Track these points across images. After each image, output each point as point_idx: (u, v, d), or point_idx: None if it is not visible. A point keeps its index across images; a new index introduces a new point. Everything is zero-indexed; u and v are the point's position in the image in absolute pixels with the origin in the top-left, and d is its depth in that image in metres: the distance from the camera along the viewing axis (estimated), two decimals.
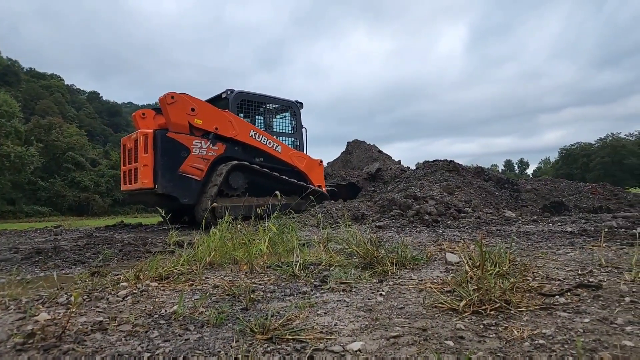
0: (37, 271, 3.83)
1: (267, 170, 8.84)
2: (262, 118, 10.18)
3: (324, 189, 10.23)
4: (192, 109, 8.01)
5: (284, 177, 9.08)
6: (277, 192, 4.36)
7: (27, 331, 1.65)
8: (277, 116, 10.49)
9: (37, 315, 1.87)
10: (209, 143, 8.17)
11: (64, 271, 3.80)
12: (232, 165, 8.23)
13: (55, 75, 73.17)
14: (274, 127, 10.22)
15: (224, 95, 9.18)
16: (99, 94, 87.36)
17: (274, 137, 9.53)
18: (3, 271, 3.85)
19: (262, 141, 9.05)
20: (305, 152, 10.28)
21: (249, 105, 9.51)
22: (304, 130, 10.41)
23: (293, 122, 10.31)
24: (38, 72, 70.29)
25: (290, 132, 10.24)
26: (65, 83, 74.25)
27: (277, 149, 9.31)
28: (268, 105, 10.09)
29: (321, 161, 10.30)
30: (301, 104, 10.41)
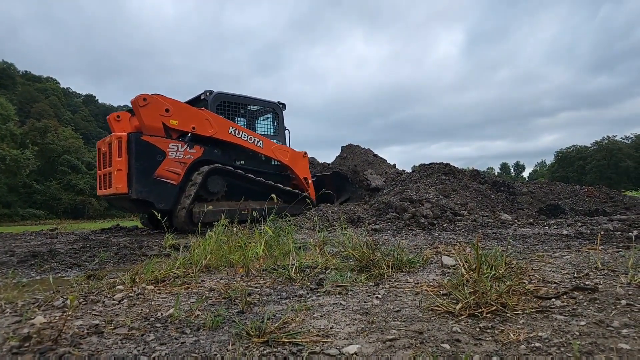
0: (33, 274, 3.80)
1: (249, 174, 8.64)
2: (243, 120, 9.96)
3: (309, 180, 10.07)
4: (167, 110, 7.78)
5: (265, 180, 8.87)
6: (273, 195, 4.33)
7: (23, 334, 1.64)
8: (260, 118, 10.26)
9: (33, 319, 1.86)
10: (185, 146, 7.95)
11: (59, 274, 3.78)
12: (210, 168, 8.02)
13: (51, 78, 72.99)
14: (256, 129, 10.01)
15: (202, 97, 8.94)
16: (94, 97, 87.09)
17: (255, 132, 9.30)
18: None
19: (242, 137, 8.79)
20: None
21: (229, 106, 9.21)
22: (287, 132, 10.22)
23: (276, 123, 10.08)
24: (34, 75, 70.03)
25: (272, 133, 10.02)
26: (61, 86, 74.07)
27: (258, 145, 9.08)
28: (249, 106, 9.87)
29: (305, 153, 10.06)
30: (284, 105, 10.17)
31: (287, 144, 10.15)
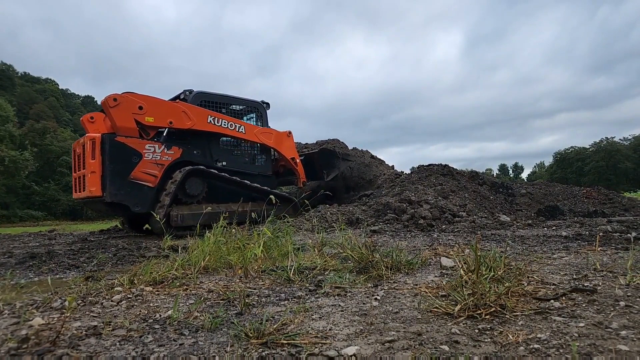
0: (31, 275, 3.79)
1: (234, 177, 8.40)
2: None
3: (297, 159, 9.87)
4: (140, 108, 7.46)
5: (249, 182, 8.63)
6: (272, 197, 4.31)
7: (21, 336, 1.64)
8: (243, 117, 9.95)
9: (32, 320, 1.86)
10: (163, 147, 7.66)
11: (58, 276, 3.77)
12: (189, 170, 7.74)
13: (50, 79, 72.87)
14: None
15: (182, 97, 8.69)
16: (93, 98, 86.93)
17: (237, 118, 9.08)
18: None
19: (222, 125, 8.50)
20: (271, 156, 9.84)
21: (210, 106, 8.86)
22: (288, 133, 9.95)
23: (259, 123, 9.76)
24: (32, 77, 69.92)
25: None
26: (60, 87, 73.98)
27: (240, 130, 8.83)
28: (232, 105, 9.56)
29: (290, 132, 9.80)
30: (267, 104, 9.91)
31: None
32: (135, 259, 4.61)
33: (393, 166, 13.60)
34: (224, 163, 8.76)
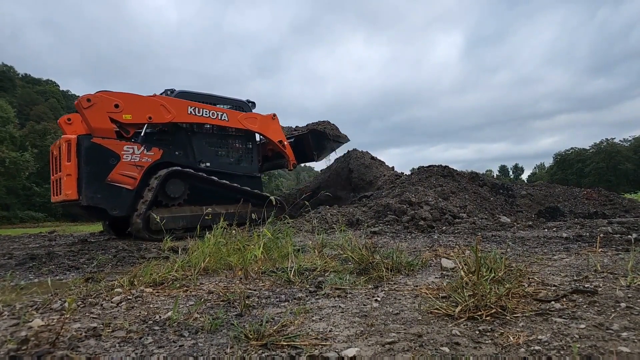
0: (31, 277, 3.79)
1: (214, 177, 8.18)
2: None
3: (285, 142, 9.65)
4: (116, 106, 7.22)
5: (229, 182, 8.38)
6: (272, 198, 4.29)
7: (21, 337, 1.63)
8: None
9: (31, 322, 1.85)
10: (142, 148, 7.43)
11: (58, 277, 3.77)
12: (169, 171, 7.50)
13: (51, 80, 72.99)
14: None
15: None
16: None
17: (219, 106, 8.80)
18: None
19: (204, 115, 8.25)
20: (258, 156, 9.62)
21: None
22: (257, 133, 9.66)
23: None
24: (33, 78, 70.05)
25: (242, 135, 9.43)
26: (61, 89, 74.05)
27: (223, 118, 8.57)
28: (216, 105, 9.20)
29: (274, 115, 9.53)
30: (253, 103, 9.70)
31: (257, 145, 9.61)
32: (135, 260, 4.60)
33: (393, 167, 13.59)
34: (208, 164, 8.52)
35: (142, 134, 7.56)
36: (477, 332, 1.62)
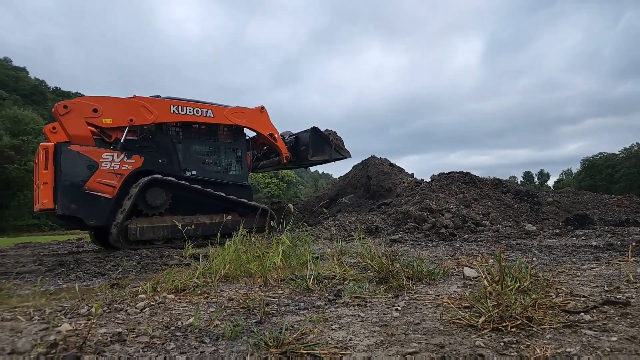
0: (60, 282, 3.93)
1: (199, 185, 7.78)
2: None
3: (276, 135, 9.29)
4: (95, 110, 6.98)
5: (215, 192, 7.95)
6: (290, 205, 4.30)
7: (50, 341, 1.69)
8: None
9: (60, 326, 1.92)
10: (122, 156, 7.11)
11: (85, 283, 3.89)
12: (148, 179, 7.14)
13: (80, 93, 76.07)
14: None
15: None
16: None
17: (202, 103, 8.42)
18: (28, 282, 3.97)
19: (188, 113, 7.88)
20: (249, 167, 9.30)
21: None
22: (246, 140, 9.37)
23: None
24: (63, 91, 73.14)
25: (231, 142, 9.06)
26: None
27: (209, 115, 8.19)
28: None
29: (262, 107, 9.13)
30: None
31: (248, 152, 9.31)
32: (158, 267, 4.70)
33: (412, 174, 13.47)
34: (194, 172, 8.12)
35: (121, 141, 7.28)
36: (502, 343, 1.57)
